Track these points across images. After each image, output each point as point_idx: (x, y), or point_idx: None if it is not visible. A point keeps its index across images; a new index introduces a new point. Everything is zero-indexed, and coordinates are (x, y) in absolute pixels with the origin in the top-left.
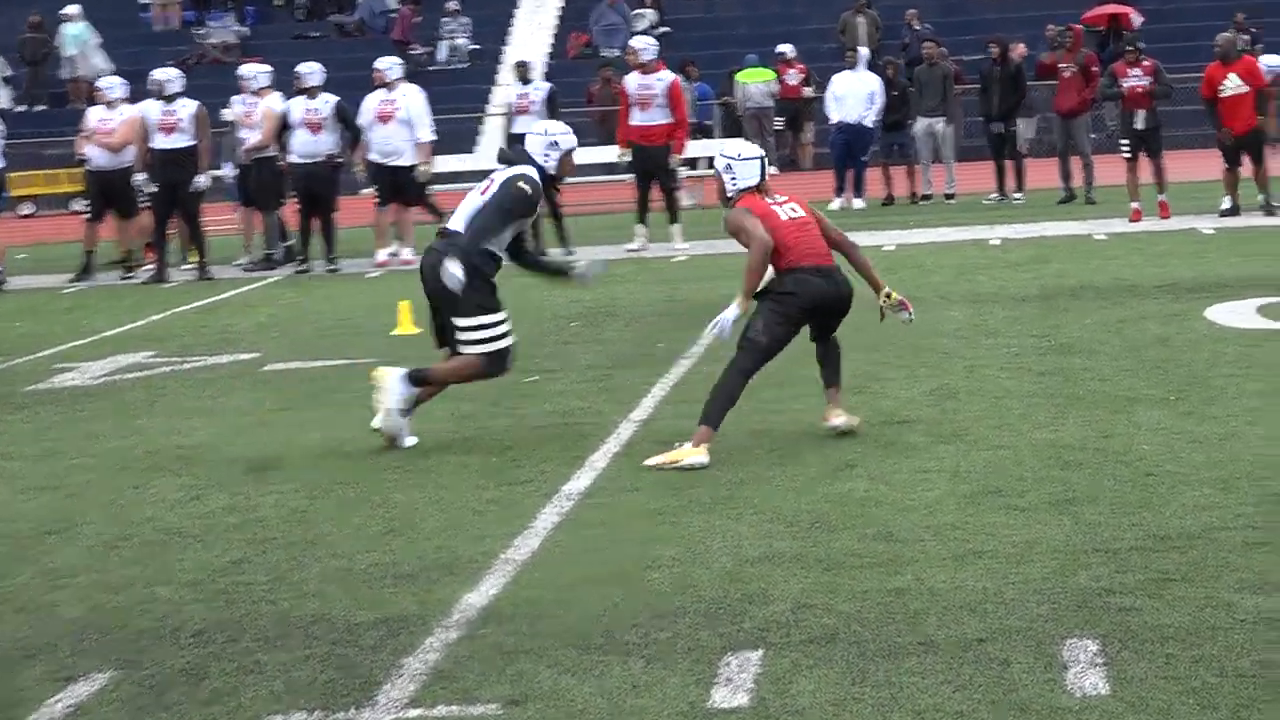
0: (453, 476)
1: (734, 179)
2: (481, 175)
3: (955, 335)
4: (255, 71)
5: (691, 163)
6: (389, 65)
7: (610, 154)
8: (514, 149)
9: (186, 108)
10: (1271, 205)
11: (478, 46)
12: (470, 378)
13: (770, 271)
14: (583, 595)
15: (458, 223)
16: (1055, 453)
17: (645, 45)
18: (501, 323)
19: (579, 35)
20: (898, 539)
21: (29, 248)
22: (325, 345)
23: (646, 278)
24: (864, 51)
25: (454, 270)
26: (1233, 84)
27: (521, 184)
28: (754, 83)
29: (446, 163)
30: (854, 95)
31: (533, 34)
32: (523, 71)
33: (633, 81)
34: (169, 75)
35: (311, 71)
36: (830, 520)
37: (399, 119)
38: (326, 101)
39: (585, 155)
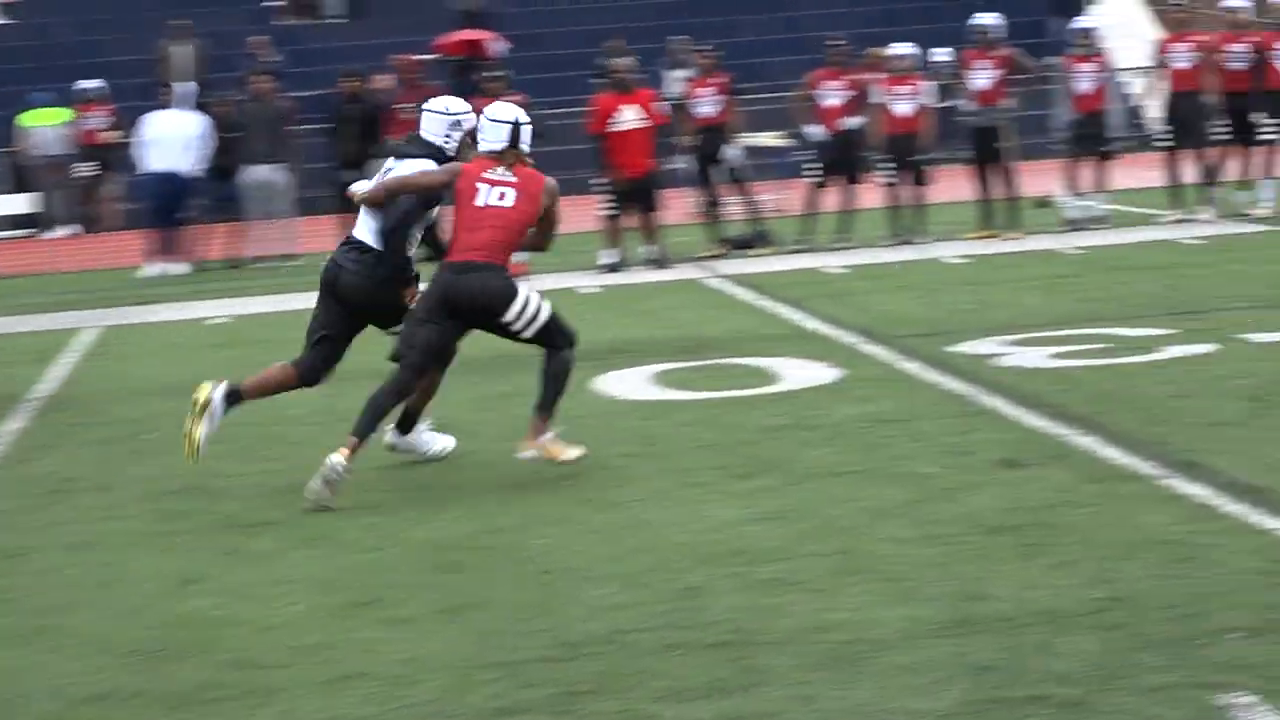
0: None
1: (483, 139)
2: None
3: (308, 421)
4: None
5: None
6: None
7: None
8: (409, 136)
9: None
10: (663, 258)
11: None
12: (284, 387)
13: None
14: None
15: (366, 234)
16: (438, 553)
17: None
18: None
19: None
20: (258, 664)
21: None
22: None
23: None
24: (185, 87)
25: None
26: (629, 117)
27: None
28: (44, 126)
29: None
30: (172, 139)
31: None
32: None
33: None
34: None
35: None
36: (175, 647)
37: None
38: None
39: None
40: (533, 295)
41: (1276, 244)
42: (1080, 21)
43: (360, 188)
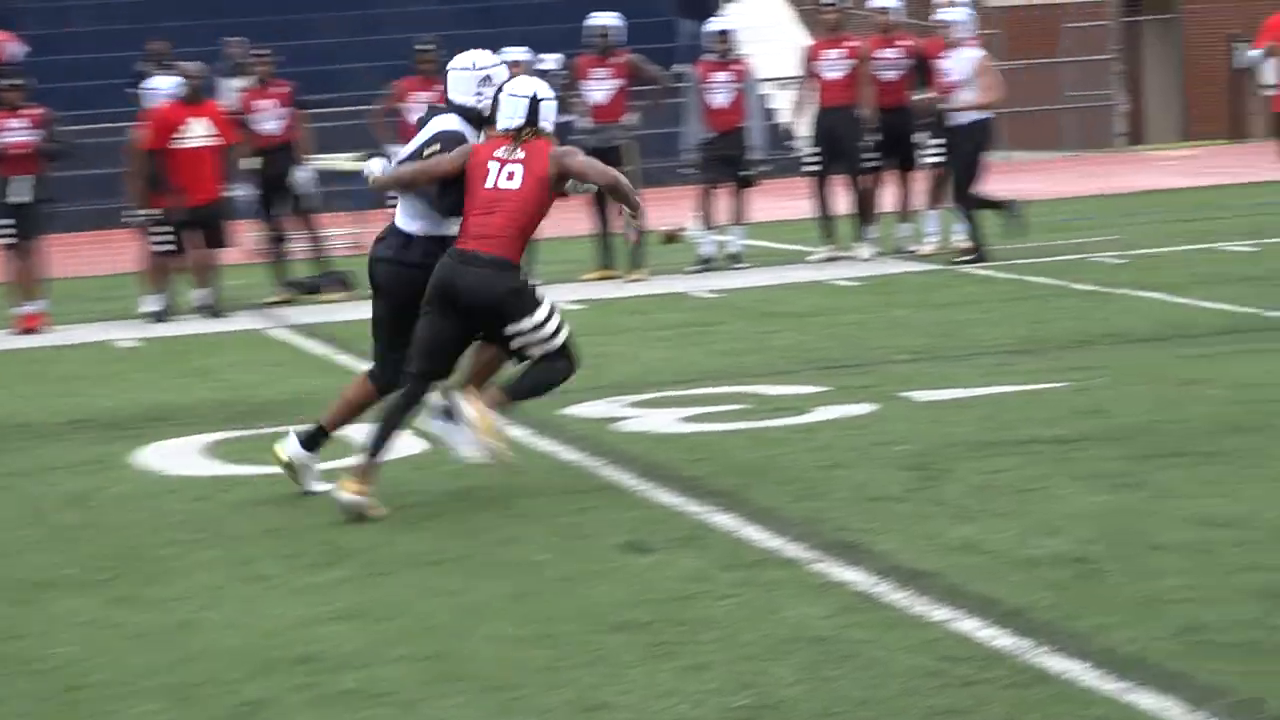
0: None
1: (500, 115)
2: None
3: None
4: None
5: None
6: None
7: None
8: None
9: None
10: (218, 305)
11: None
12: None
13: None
14: None
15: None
16: None
17: None
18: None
19: None
20: None
21: None
22: None
23: None
24: None
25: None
26: (197, 133)
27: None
28: None
29: None
30: None
31: None
32: None
33: None
34: None
35: None
36: None
37: None
38: None
39: None
40: (555, 311)
41: (942, 286)
42: (715, 23)
43: (374, 167)
